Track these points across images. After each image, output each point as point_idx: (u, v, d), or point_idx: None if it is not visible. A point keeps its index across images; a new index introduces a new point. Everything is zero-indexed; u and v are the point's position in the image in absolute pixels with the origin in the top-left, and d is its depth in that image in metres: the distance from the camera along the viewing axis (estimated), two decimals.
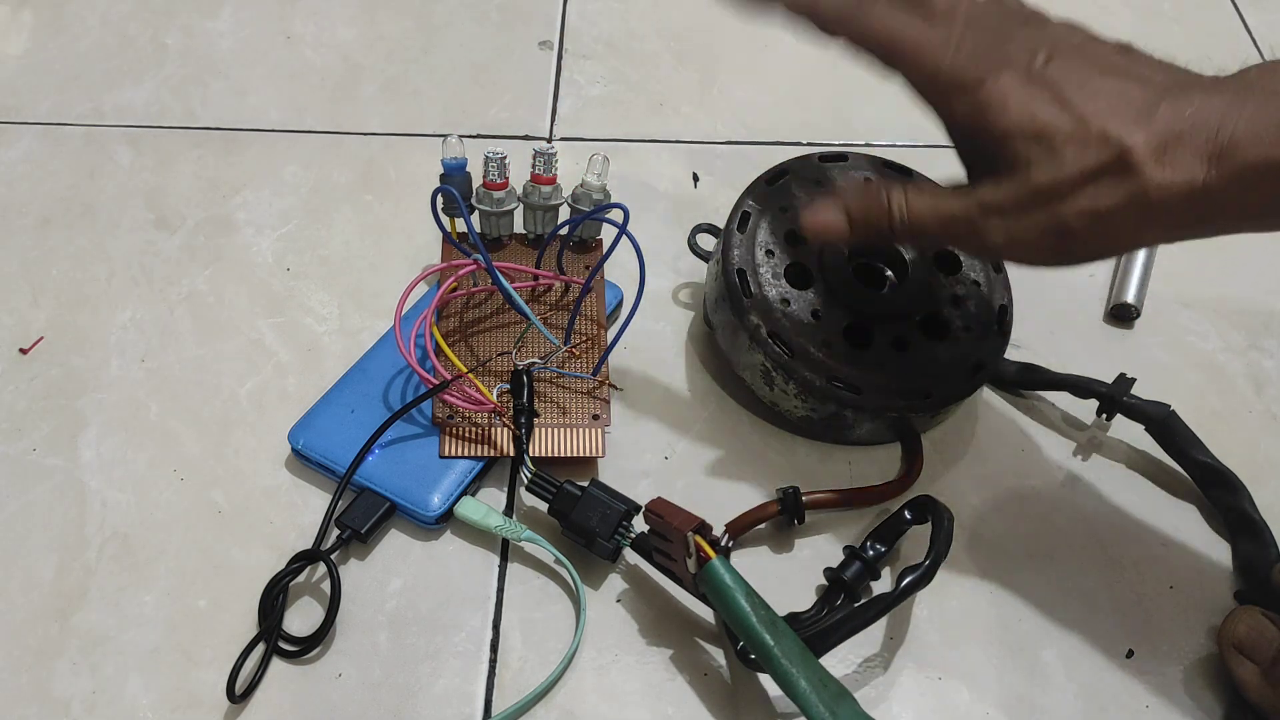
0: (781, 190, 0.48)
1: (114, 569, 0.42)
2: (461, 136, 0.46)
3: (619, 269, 0.50)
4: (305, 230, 0.53)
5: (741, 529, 0.42)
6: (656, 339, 0.50)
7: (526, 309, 0.44)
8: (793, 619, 0.39)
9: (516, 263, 0.48)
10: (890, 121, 0.60)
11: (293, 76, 0.60)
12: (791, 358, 0.43)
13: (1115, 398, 0.45)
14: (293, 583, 0.40)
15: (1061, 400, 0.48)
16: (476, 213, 0.48)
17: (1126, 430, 0.46)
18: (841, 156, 0.50)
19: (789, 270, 0.46)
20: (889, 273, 0.47)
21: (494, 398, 0.43)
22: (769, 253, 0.46)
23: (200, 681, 0.39)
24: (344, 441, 0.43)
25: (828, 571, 0.41)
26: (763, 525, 0.43)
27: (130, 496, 0.44)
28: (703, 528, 0.38)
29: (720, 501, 0.43)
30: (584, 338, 0.47)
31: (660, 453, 0.46)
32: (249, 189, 0.55)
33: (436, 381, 0.42)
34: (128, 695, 0.39)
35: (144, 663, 0.39)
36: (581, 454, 0.43)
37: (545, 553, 0.42)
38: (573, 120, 0.59)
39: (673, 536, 0.38)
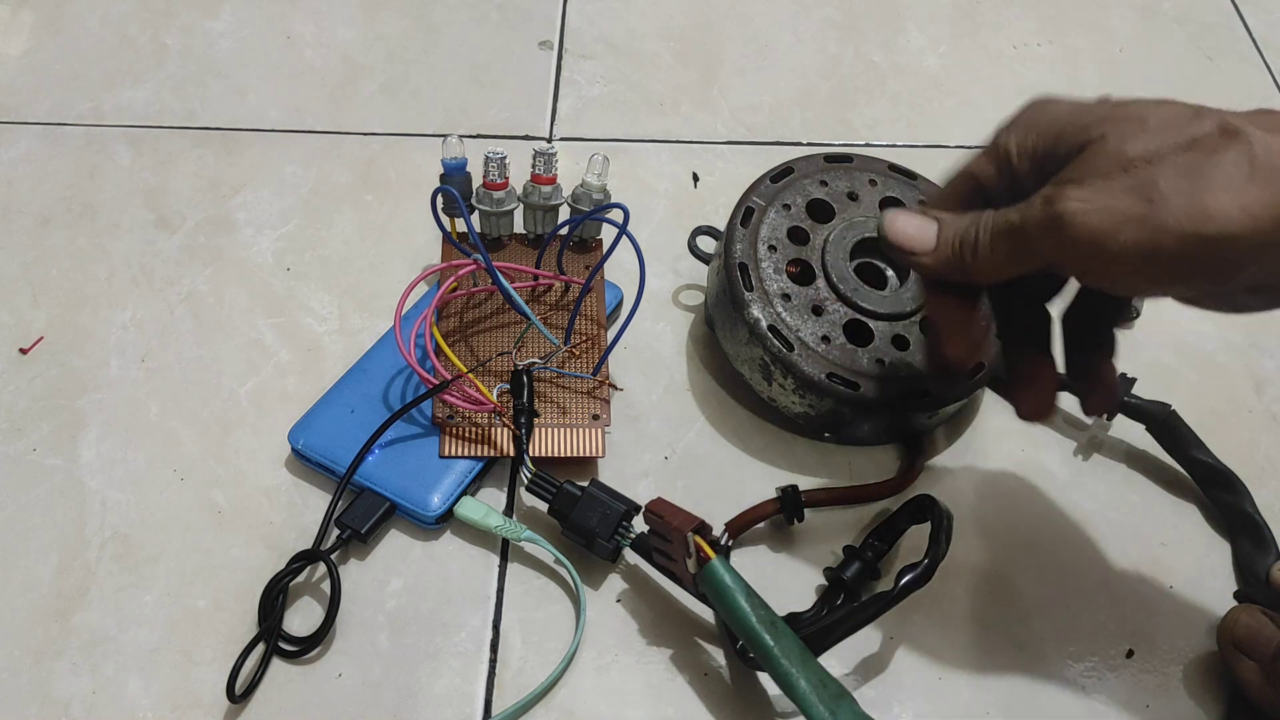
0: (786, 188, 0.48)
1: (114, 569, 0.42)
2: (461, 136, 0.46)
3: (619, 269, 0.50)
4: (305, 230, 0.53)
5: (741, 528, 0.42)
6: (656, 339, 0.50)
7: (526, 309, 0.44)
8: (793, 619, 0.39)
9: (516, 263, 0.48)
10: (890, 121, 0.60)
11: (293, 76, 0.60)
12: (790, 352, 0.43)
13: None
14: (293, 583, 0.40)
15: (1062, 400, 0.48)
16: (476, 213, 0.48)
17: (1127, 430, 0.46)
18: (847, 158, 0.50)
19: (791, 266, 0.46)
20: (890, 272, 0.47)
21: (494, 398, 0.43)
22: (771, 248, 0.46)
23: (200, 681, 0.39)
24: (344, 441, 0.43)
25: (828, 571, 0.41)
26: (762, 524, 0.43)
27: (130, 496, 0.44)
28: (702, 528, 0.38)
29: (720, 501, 0.43)
30: (584, 338, 0.47)
31: (660, 453, 0.46)
32: (249, 189, 0.55)
33: (436, 381, 0.42)
34: (128, 695, 0.39)
35: (144, 663, 0.39)
36: (581, 454, 0.43)
37: (545, 553, 0.42)
38: (573, 120, 0.59)
39: (673, 536, 0.38)
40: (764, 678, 0.39)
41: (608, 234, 0.48)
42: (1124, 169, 0.30)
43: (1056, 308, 0.38)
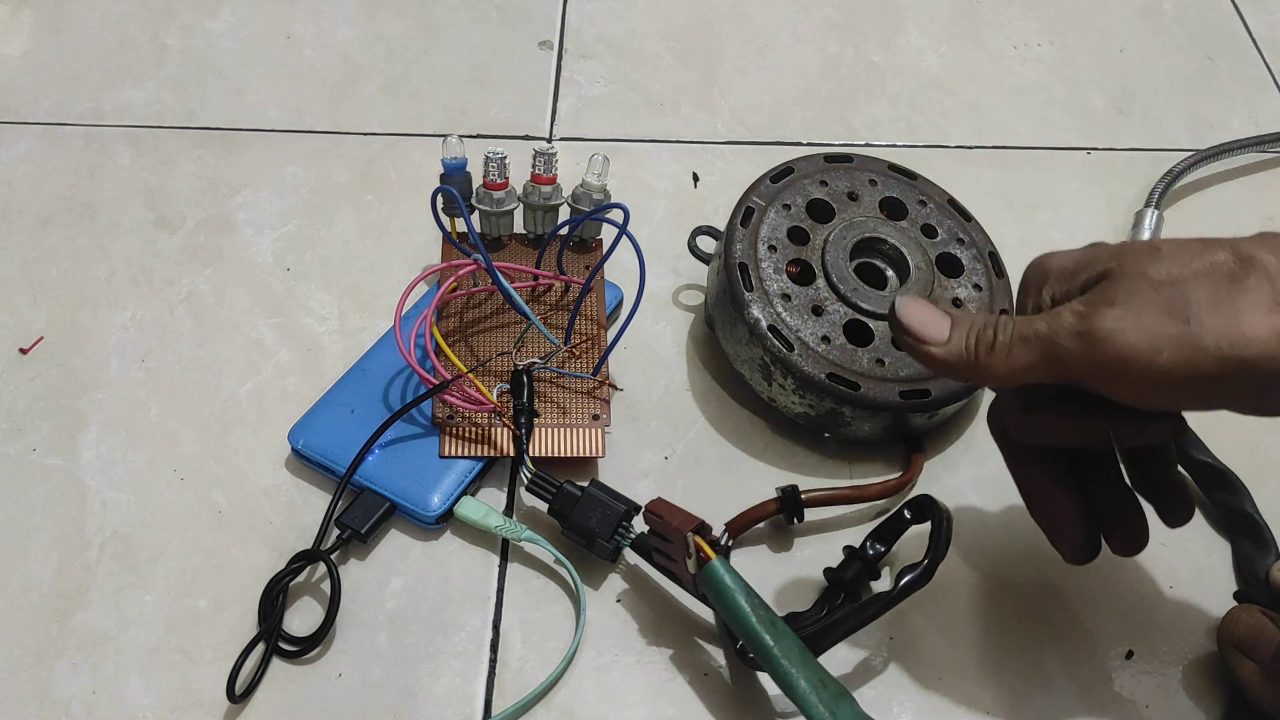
0: (786, 188, 0.48)
1: (114, 569, 0.42)
2: (461, 136, 0.46)
3: (619, 269, 0.50)
4: (305, 230, 0.53)
5: (741, 528, 0.42)
6: (656, 339, 0.50)
7: (526, 309, 0.44)
8: (793, 619, 0.39)
9: (516, 263, 0.48)
10: (890, 121, 0.60)
11: (293, 76, 0.60)
12: (790, 352, 0.43)
13: None
14: (293, 583, 0.40)
15: None
16: (476, 213, 0.48)
17: None
18: (847, 158, 0.50)
19: (791, 266, 0.46)
20: (890, 272, 0.48)
21: (494, 398, 0.43)
22: (771, 248, 0.46)
23: (200, 681, 0.39)
24: (344, 441, 0.43)
25: (827, 571, 0.41)
26: (762, 525, 0.43)
27: (130, 496, 0.44)
28: (702, 528, 0.38)
29: (720, 501, 0.43)
30: (584, 338, 0.47)
31: (660, 453, 0.46)
32: (249, 189, 0.55)
33: (436, 381, 0.42)
34: (128, 695, 0.39)
35: (144, 663, 0.39)
36: (581, 454, 0.43)
37: (545, 553, 0.42)
38: (573, 120, 0.59)
39: (673, 537, 0.38)
40: (764, 678, 0.39)
41: (608, 234, 0.48)
42: (1154, 289, 0.30)
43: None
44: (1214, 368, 0.29)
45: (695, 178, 0.57)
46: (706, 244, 0.50)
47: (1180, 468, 0.45)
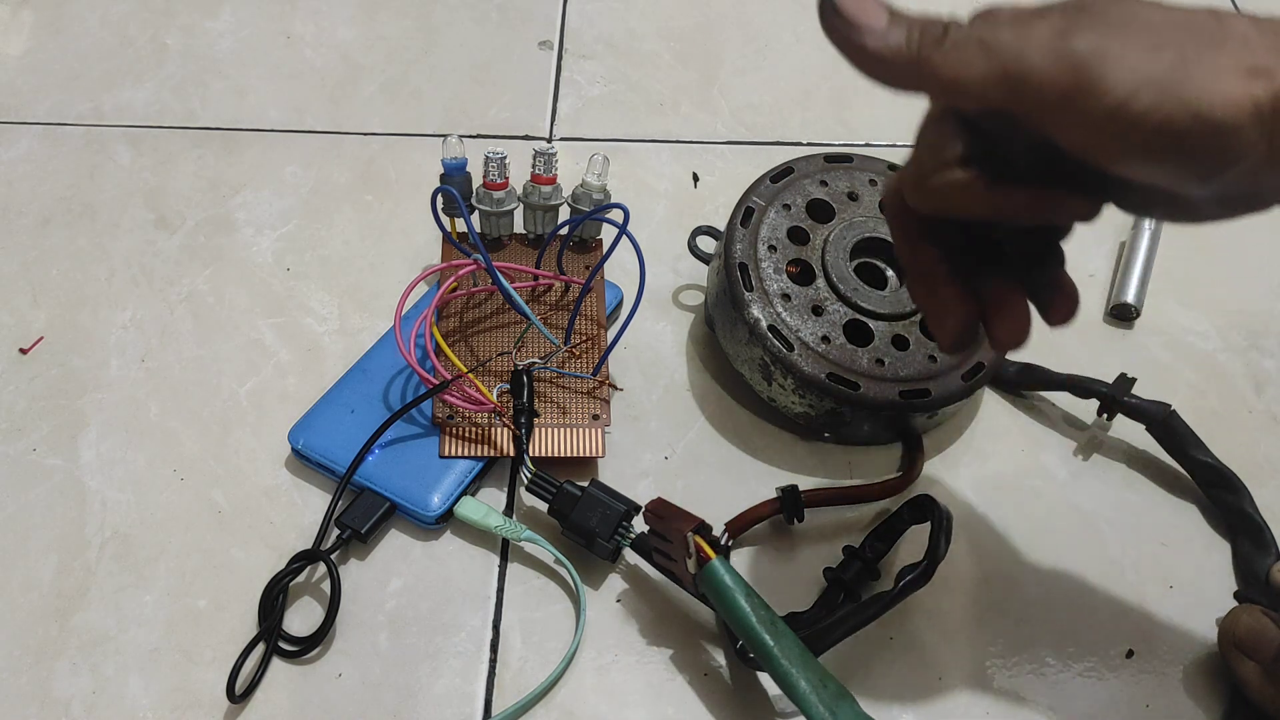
0: (786, 188, 0.48)
1: (114, 569, 0.42)
2: (461, 136, 0.46)
3: (619, 269, 0.50)
4: (305, 230, 0.53)
5: (741, 528, 0.42)
6: (656, 339, 0.50)
7: (526, 309, 0.44)
8: (793, 619, 0.39)
9: (516, 263, 0.48)
10: (890, 121, 0.60)
11: (293, 76, 0.60)
12: (790, 352, 0.43)
13: (1115, 397, 0.45)
14: (293, 583, 0.40)
15: (1062, 400, 0.48)
16: (476, 213, 0.48)
17: (1127, 430, 0.46)
18: (847, 158, 0.50)
19: (791, 266, 0.46)
20: (890, 272, 0.48)
21: (494, 398, 0.43)
22: (771, 248, 0.46)
23: (200, 681, 0.39)
24: (344, 441, 0.43)
25: (827, 571, 0.41)
26: (762, 524, 0.43)
27: (130, 496, 0.44)
28: (702, 528, 0.38)
29: (720, 501, 0.43)
30: (584, 338, 0.47)
31: (660, 453, 0.46)
32: (249, 189, 0.55)
33: (436, 381, 0.42)
34: (128, 695, 0.39)
35: (144, 663, 0.39)
36: (581, 454, 0.43)
37: (545, 553, 0.42)
38: (573, 120, 0.59)
39: (673, 537, 0.38)
40: (764, 678, 0.39)
41: (608, 234, 0.48)
42: (1144, 26, 0.27)
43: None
44: (1186, 123, 0.27)
45: (695, 178, 0.57)
46: (706, 244, 0.51)
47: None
